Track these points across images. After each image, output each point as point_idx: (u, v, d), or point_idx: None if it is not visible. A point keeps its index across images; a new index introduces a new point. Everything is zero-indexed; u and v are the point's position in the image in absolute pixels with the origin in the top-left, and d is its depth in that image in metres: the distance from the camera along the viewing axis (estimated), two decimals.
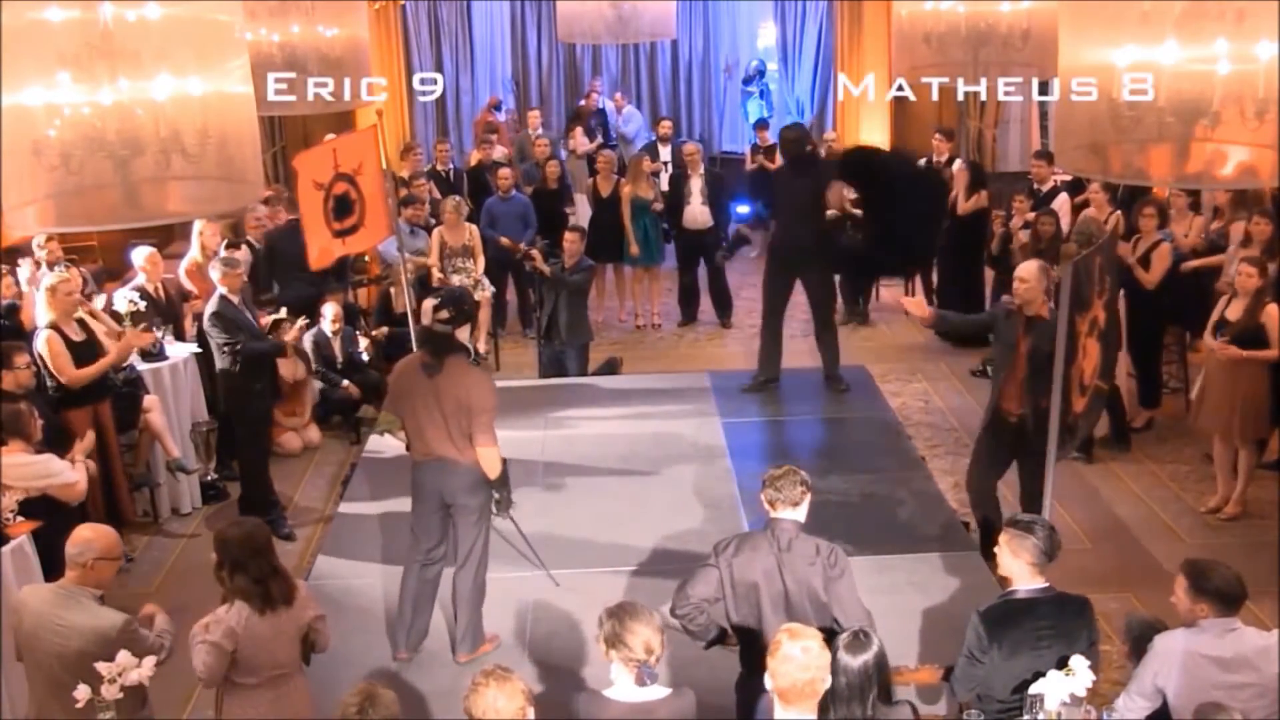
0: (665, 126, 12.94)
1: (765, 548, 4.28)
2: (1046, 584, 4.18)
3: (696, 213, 11.02)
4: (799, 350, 9.65)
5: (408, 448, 5.69)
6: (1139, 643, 4.27)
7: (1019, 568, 4.18)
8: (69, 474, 5.89)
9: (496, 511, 5.71)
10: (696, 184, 11.01)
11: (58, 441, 6.33)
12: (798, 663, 3.33)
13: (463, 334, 6.11)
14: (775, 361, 8.78)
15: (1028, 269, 6.22)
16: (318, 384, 8.94)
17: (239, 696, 4.26)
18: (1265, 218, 8.00)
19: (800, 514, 4.30)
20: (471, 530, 5.53)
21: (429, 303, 5.51)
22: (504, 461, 5.55)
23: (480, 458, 5.42)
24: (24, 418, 5.89)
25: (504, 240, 10.70)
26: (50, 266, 8.16)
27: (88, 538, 4.38)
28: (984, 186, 10.35)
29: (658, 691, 3.68)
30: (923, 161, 11.45)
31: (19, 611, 4.41)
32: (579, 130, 13.89)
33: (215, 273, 7.42)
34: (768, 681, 3.40)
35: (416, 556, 5.65)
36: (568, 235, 9.23)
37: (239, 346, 7.17)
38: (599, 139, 13.99)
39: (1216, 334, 7.20)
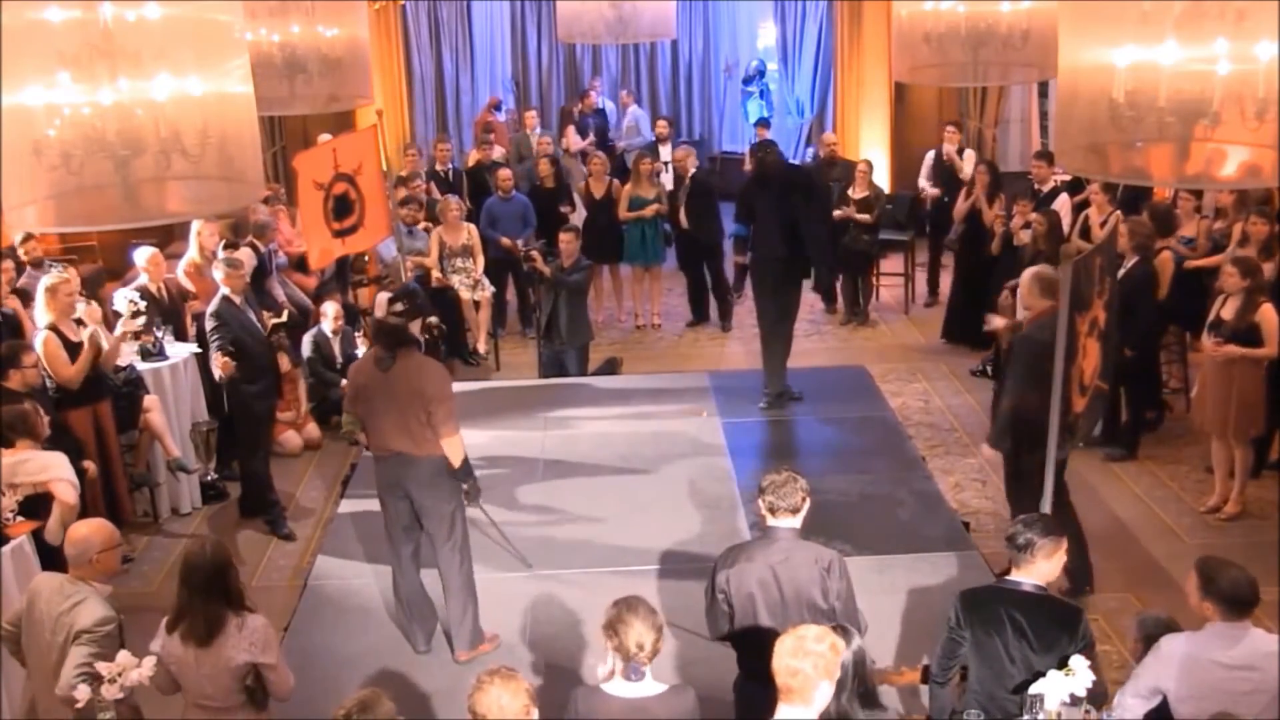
0: (662, 126, 12.94)
1: (760, 558, 4.26)
2: (1037, 581, 4.15)
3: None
4: (798, 350, 9.63)
5: (367, 448, 5.71)
6: (1150, 639, 4.25)
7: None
8: (68, 471, 5.90)
9: (467, 502, 5.72)
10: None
11: (59, 441, 6.34)
12: (788, 649, 3.30)
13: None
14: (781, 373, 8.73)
15: (1022, 279, 6.58)
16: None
17: (188, 712, 4.29)
18: (1262, 218, 8.00)
19: (798, 521, 4.28)
20: (443, 524, 5.53)
21: (382, 296, 5.56)
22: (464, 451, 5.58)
23: (445, 447, 5.44)
24: (31, 417, 5.94)
25: (504, 240, 10.71)
26: (34, 265, 8.17)
27: (83, 535, 4.42)
28: (1001, 189, 10.36)
29: (655, 687, 3.69)
30: (930, 155, 11.50)
31: (31, 602, 4.44)
32: (570, 129, 13.92)
33: (218, 273, 7.43)
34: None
35: (397, 559, 5.68)
36: (563, 235, 9.22)
37: (228, 345, 7.16)
38: (591, 138, 13.99)
39: (1212, 333, 7.21)
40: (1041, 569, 4.14)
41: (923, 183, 11.66)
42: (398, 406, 5.37)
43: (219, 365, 7.09)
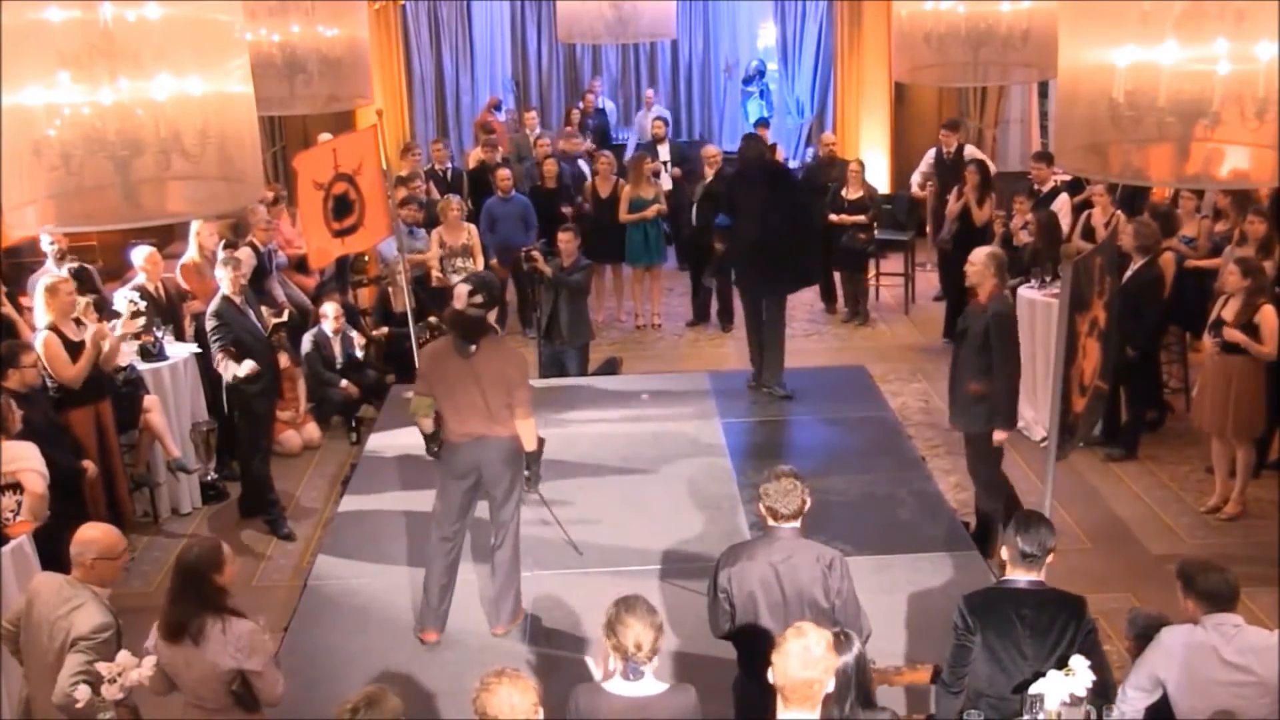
0: (659, 126, 12.95)
1: (761, 557, 4.26)
2: (1036, 578, 4.18)
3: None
4: (798, 350, 9.65)
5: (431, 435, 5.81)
6: (1143, 637, 4.28)
7: (1007, 558, 4.25)
8: (38, 461, 5.88)
9: (526, 487, 5.86)
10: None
11: (59, 441, 6.33)
12: (796, 660, 3.32)
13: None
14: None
15: (976, 254, 6.62)
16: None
17: (185, 712, 4.30)
18: (1260, 217, 8.00)
19: (799, 520, 4.28)
20: (508, 504, 5.72)
21: (462, 288, 5.65)
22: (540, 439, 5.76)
23: (521, 430, 5.61)
24: (2, 410, 5.92)
25: (494, 264, 10.60)
26: (60, 258, 8.17)
27: (88, 538, 4.42)
28: (991, 189, 10.34)
29: (656, 686, 3.69)
30: (931, 153, 11.48)
31: (31, 602, 4.45)
32: (569, 130, 13.91)
33: (220, 273, 7.43)
34: (770, 675, 3.39)
35: (439, 540, 5.75)
36: (562, 235, 9.22)
37: (226, 345, 7.16)
38: (589, 140, 13.97)
39: (1213, 334, 7.21)
40: (1047, 563, 4.20)
41: (915, 178, 11.62)
42: (481, 391, 5.51)
43: (238, 367, 7.10)
